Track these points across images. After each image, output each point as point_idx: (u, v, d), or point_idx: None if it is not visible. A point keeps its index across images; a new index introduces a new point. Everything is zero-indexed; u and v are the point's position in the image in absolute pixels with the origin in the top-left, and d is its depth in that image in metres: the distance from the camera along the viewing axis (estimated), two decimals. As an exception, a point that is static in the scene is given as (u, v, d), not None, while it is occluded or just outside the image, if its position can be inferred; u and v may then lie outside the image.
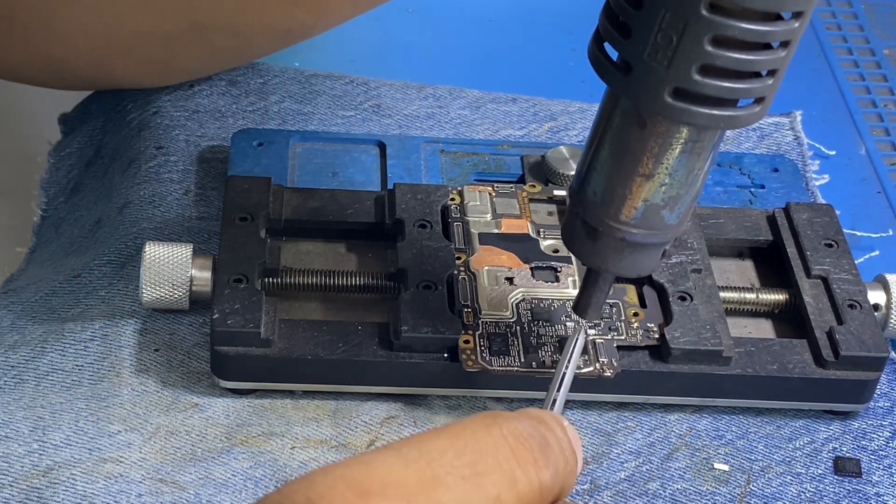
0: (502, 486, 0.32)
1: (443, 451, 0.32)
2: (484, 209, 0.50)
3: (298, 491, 0.31)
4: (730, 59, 0.34)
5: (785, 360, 0.46)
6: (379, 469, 0.31)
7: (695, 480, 0.45)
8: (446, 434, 0.33)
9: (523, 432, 0.34)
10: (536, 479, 0.33)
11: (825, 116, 0.62)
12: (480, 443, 0.33)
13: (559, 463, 0.34)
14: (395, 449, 0.32)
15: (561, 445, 0.35)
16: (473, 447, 0.32)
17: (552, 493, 0.34)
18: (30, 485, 0.42)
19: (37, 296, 0.49)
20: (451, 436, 0.33)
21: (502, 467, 0.33)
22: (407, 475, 0.31)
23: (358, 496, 0.30)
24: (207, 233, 0.51)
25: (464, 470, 0.32)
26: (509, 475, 0.33)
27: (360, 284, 0.47)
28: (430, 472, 0.31)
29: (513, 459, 0.33)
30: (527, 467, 0.33)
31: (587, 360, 0.45)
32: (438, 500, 0.31)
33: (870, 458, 0.46)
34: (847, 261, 0.49)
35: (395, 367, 0.45)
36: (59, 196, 0.56)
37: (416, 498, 0.31)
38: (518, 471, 0.33)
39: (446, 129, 0.58)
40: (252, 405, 0.45)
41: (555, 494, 0.34)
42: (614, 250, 0.39)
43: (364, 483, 0.31)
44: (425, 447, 0.32)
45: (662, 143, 0.37)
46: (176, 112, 0.57)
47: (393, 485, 0.31)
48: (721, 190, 0.54)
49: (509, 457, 0.33)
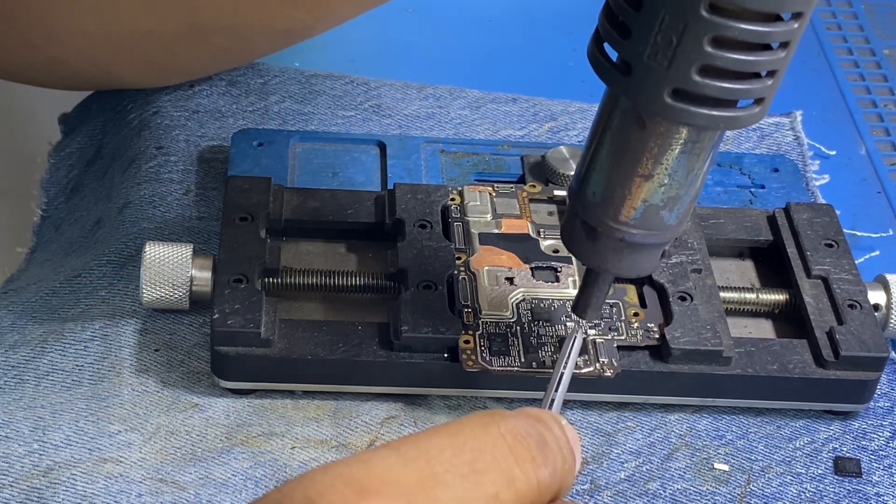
0: (501, 484, 0.32)
1: (441, 449, 0.32)
2: (484, 209, 0.50)
3: (297, 489, 0.31)
4: (729, 60, 0.34)
5: (785, 360, 0.46)
6: (378, 467, 0.31)
7: (695, 480, 0.45)
8: (445, 433, 0.33)
9: (521, 431, 0.34)
10: (534, 477, 0.33)
11: (825, 116, 0.62)
12: (479, 441, 0.33)
13: (557, 461, 0.34)
14: (394, 448, 0.32)
15: (559, 444, 0.35)
16: (472, 445, 0.33)
17: (550, 492, 0.34)
18: (30, 485, 0.42)
19: (37, 296, 0.49)
20: (449, 434, 0.33)
21: (500, 465, 0.33)
22: (406, 473, 0.31)
23: (357, 494, 0.30)
24: (207, 233, 0.51)
25: (462, 468, 0.32)
26: (507, 473, 0.33)
27: (360, 284, 0.47)
28: (428, 471, 0.32)
29: (511, 458, 0.33)
30: (525, 465, 0.33)
31: (587, 360, 0.45)
32: (437, 498, 0.31)
33: (870, 458, 0.46)
34: (847, 261, 0.49)
35: (395, 367, 0.45)
36: (59, 196, 0.56)
37: (415, 496, 0.31)
38: (516, 469, 0.33)
39: (446, 129, 0.58)
40: (252, 405, 0.45)
41: (553, 493, 0.34)
42: (614, 251, 0.39)
43: (363, 481, 0.31)
44: (424, 446, 0.32)
45: (662, 143, 0.37)
46: (176, 112, 0.57)
47: (392, 483, 0.31)
48: (721, 190, 0.54)
49: (507, 455, 0.33)
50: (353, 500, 0.30)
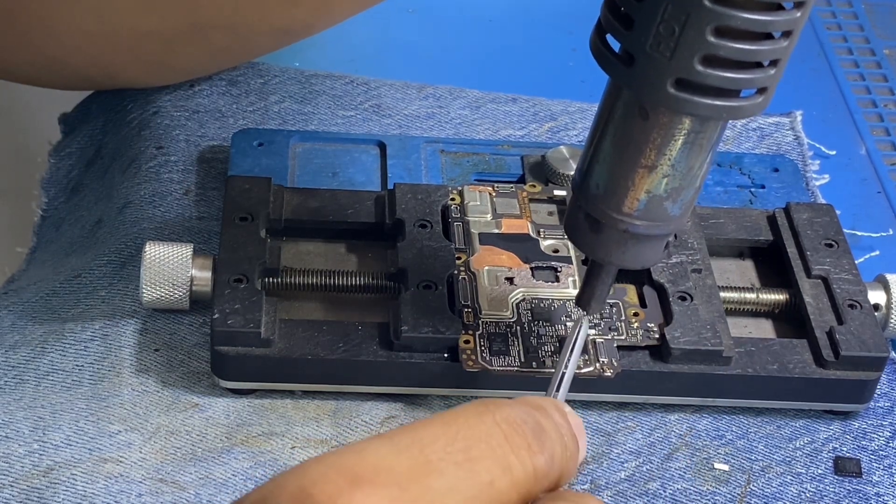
0: (496, 471, 0.32)
1: (435, 437, 0.32)
2: (484, 209, 0.50)
3: (291, 480, 0.31)
4: (732, 50, 0.34)
5: (785, 360, 0.46)
6: (371, 456, 0.31)
7: (695, 480, 0.45)
8: (439, 422, 0.33)
9: (517, 419, 0.33)
10: (531, 464, 0.33)
11: (825, 116, 0.62)
12: (473, 430, 0.33)
13: (555, 448, 0.34)
14: (387, 437, 0.32)
15: (559, 431, 0.35)
16: (466, 434, 0.32)
17: (549, 479, 0.34)
18: (30, 485, 0.42)
19: (37, 296, 0.49)
20: (443, 423, 0.33)
21: (496, 453, 0.32)
22: (399, 461, 0.31)
23: (349, 483, 0.30)
24: (207, 233, 0.51)
25: (456, 455, 0.32)
26: (503, 461, 0.32)
27: (360, 284, 0.47)
28: (422, 458, 0.31)
29: (506, 445, 0.33)
30: (521, 453, 0.33)
31: (587, 360, 0.45)
32: (430, 486, 0.31)
33: (870, 458, 0.46)
34: (847, 261, 0.49)
35: (395, 367, 0.45)
36: (59, 196, 0.56)
37: (407, 484, 0.31)
38: (512, 456, 0.33)
39: (446, 129, 0.58)
40: (252, 405, 0.45)
41: (552, 480, 0.34)
42: (617, 242, 0.39)
43: (355, 469, 0.31)
44: (418, 435, 0.32)
45: (665, 134, 0.37)
46: (176, 112, 0.57)
47: (385, 471, 0.31)
48: (721, 190, 0.54)
49: (503, 443, 0.33)
50: (345, 489, 0.30)
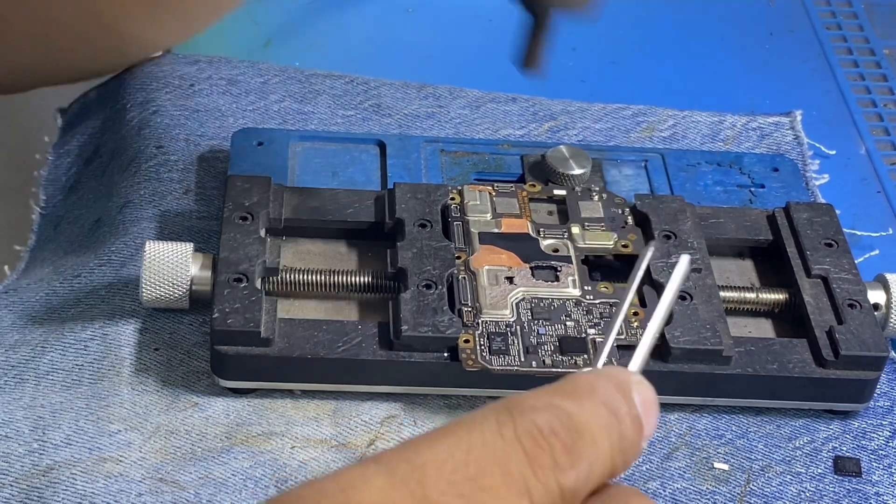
0: (510, 500, 0.28)
1: (440, 463, 0.28)
2: (484, 209, 0.50)
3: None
4: None
5: (785, 359, 0.46)
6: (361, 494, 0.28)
7: (695, 480, 0.45)
8: (448, 439, 0.29)
9: (543, 429, 0.29)
10: (556, 486, 0.29)
11: (825, 116, 0.62)
12: (487, 448, 0.29)
13: (598, 452, 0.30)
14: (384, 463, 0.29)
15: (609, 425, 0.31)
16: (478, 455, 0.29)
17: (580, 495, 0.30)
18: (30, 484, 0.42)
19: (37, 296, 0.49)
20: (452, 442, 0.29)
21: (512, 478, 0.29)
22: (393, 498, 0.28)
23: None
24: (207, 232, 0.51)
25: (462, 487, 0.28)
26: (520, 486, 0.29)
27: (360, 284, 0.47)
28: (420, 493, 0.28)
29: (526, 467, 0.29)
30: (544, 473, 0.29)
31: (587, 360, 0.45)
32: None
33: (870, 457, 0.46)
34: (847, 260, 0.49)
35: (395, 367, 0.45)
36: (57, 194, 0.56)
37: None
38: (532, 479, 0.29)
39: (446, 128, 0.58)
40: (252, 405, 0.45)
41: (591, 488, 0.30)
42: None
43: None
44: (420, 460, 0.29)
45: None
46: (176, 111, 0.57)
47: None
48: (721, 190, 0.54)
49: (522, 464, 0.29)
50: None
